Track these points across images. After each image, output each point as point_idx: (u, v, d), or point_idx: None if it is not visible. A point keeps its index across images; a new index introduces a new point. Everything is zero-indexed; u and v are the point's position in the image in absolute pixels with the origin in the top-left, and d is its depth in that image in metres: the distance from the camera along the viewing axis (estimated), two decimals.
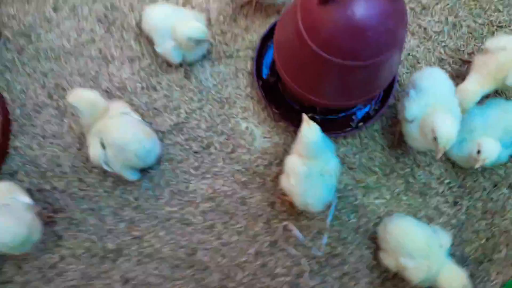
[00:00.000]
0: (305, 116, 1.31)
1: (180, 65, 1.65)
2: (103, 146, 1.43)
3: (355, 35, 1.13)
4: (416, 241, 1.35)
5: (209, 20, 1.71)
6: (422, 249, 1.34)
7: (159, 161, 1.58)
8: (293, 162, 1.36)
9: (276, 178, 1.55)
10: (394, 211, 1.54)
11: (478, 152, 1.37)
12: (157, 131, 1.60)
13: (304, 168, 1.33)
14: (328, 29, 1.14)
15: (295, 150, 1.38)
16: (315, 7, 1.14)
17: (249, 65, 1.66)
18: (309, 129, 1.29)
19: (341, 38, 1.14)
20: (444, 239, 1.39)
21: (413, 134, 1.42)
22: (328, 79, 1.27)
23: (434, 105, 1.38)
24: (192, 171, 1.59)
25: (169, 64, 1.66)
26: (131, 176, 1.52)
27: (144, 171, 1.58)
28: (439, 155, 1.31)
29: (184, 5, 1.72)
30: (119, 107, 1.50)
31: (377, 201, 1.56)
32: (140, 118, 1.53)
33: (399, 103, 1.51)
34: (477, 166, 1.38)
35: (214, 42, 1.69)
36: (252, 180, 1.58)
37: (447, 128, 1.29)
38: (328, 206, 1.53)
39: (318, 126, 1.31)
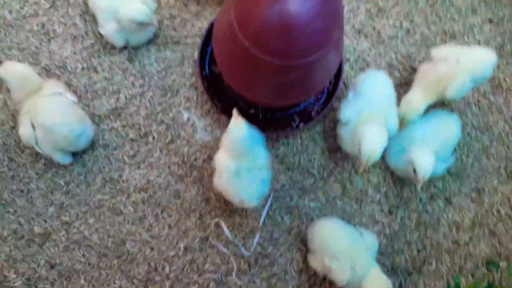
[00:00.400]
0: (235, 113, 1.27)
1: (125, 47, 1.59)
2: (33, 126, 1.37)
3: (283, 32, 1.08)
4: (340, 242, 1.35)
5: (158, 2, 1.64)
6: (346, 251, 1.33)
7: (93, 145, 1.53)
8: (221, 160, 1.33)
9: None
10: (328, 216, 1.52)
11: (414, 171, 1.36)
12: (93, 115, 1.55)
13: (233, 165, 1.30)
14: (257, 23, 1.09)
15: (223, 147, 1.35)
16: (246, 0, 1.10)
17: (196, 54, 1.61)
18: (237, 126, 1.26)
19: (269, 35, 1.10)
20: (371, 242, 1.38)
21: (345, 137, 1.40)
22: (260, 77, 1.23)
23: (369, 112, 1.35)
24: (126, 159, 1.54)
25: (113, 46, 1.60)
26: (62, 159, 1.47)
27: (77, 155, 1.52)
28: (361, 168, 1.29)
29: None
30: (53, 86, 1.44)
31: (312, 204, 1.55)
32: (75, 100, 1.47)
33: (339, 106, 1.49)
34: (419, 186, 1.37)
35: (162, 26, 1.63)
36: (188, 174, 1.54)
37: (372, 144, 1.27)
38: (263, 205, 1.51)
39: (246, 123, 1.27)
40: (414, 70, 1.62)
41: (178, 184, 1.53)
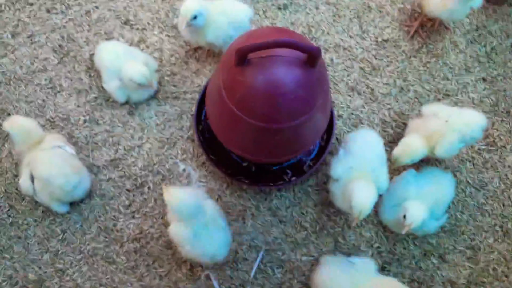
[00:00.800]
0: (164, 188, 1.30)
1: (126, 102, 1.67)
2: (32, 177, 1.44)
3: (267, 99, 1.14)
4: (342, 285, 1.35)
5: (161, 60, 1.73)
6: None
7: (90, 195, 1.58)
8: (175, 231, 1.35)
9: None
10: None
11: (404, 217, 1.36)
12: (92, 165, 1.60)
13: (189, 230, 1.32)
14: (243, 91, 1.15)
15: (171, 218, 1.37)
16: (233, 67, 1.16)
17: (194, 109, 1.68)
18: (172, 197, 1.28)
19: (254, 101, 1.15)
20: (368, 267, 1.40)
21: (336, 193, 1.42)
22: (248, 137, 1.27)
23: (359, 170, 1.38)
24: (122, 209, 1.58)
25: (115, 100, 1.68)
26: (59, 208, 1.52)
27: (74, 203, 1.57)
28: (354, 223, 1.31)
29: (138, 43, 1.75)
30: (53, 139, 1.51)
31: (304, 258, 1.54)
32: (73, 152, 1.53)
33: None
34: (403, 231, 1.37)
35: (163, 81, 1.71)
36: None
37: (363, 199, 1.28)
38: (255, 258, 1.51)
39: (178, 189, 1.30)
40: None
41: None
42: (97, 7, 1.80)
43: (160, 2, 1.81)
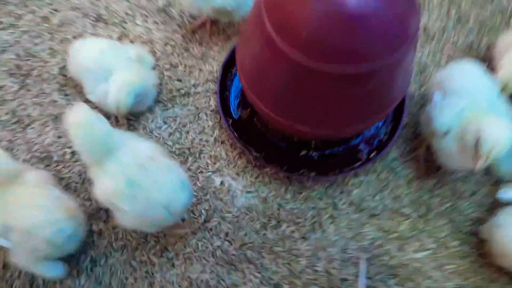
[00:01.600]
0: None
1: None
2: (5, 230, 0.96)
3: (352, 28, 0.78)
4: None
5: (154, 53, 1.32)
6: None
7: (105, 252, 1.11)
8: (103, 190, 0.93)
9: (277, 246, 1.11)
10: (445, 263, 1.09)
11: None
12: (98, 210, 1.15)
13: (118, 181, 0.91)
14: (311, 24, 0.79)
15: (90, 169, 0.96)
16: None
17: (213, 101, 1.26)
18: (75, 113, 0.89)
19: (332, 35, 0.79)
20: None
21: (450, 150, 1.05)
22: (326, 100, 0.90)
23: (474, 108, 1.01)
24: (153, 258, 1.11)
25: (107, 116, 1.23)
26: (48, 272, 1.05)
27: (81, 268, 1.09)
28: (480, 163, 0.94)
29: (120, 40, 1.34)
30: (36, 177, 1.04)
31: (419, 254, 1.12)
32: (60, 194, 1.05)
33: (423, 115, 1.13)
34: (478, 166, 0.96)
35: (163, 79, 1.30)
36: (242, 257, 1.11)
37: (496, 131, 0.94)
38: (356, 274, 1.08)
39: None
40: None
41: (233, 274, 1.10)
42: (56, 10, 1.38)
43: None
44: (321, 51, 0.81)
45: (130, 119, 1.25)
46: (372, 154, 1.17)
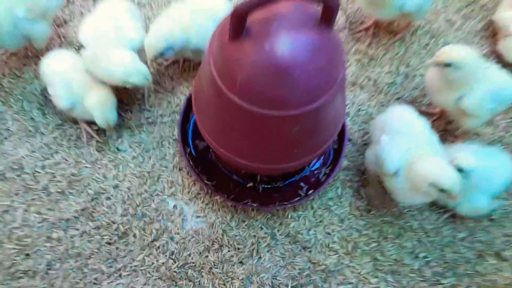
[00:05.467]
0: None
1: (92, 137, 1.37)
2: None
3: (278, 77, 0.88)
4: None
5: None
6: None
7: (60, 259, 1.23)
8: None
9: (216, 268, 1.23)
10: None
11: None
12: (59, 220, 1.28)
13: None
14: (244, 72, 0.90)
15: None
16: (227, 45, 0.91)
17: (177, 131, 1.40)
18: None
19: (261, 83, 0.89)
20: None
21: (402, 189, 1.16)
22: (259, 137, 1.01)
23: (418, 146, 1.15)
24: (104, 268, 1.24)
25: (78, 136, 1.38)
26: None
27: (40, 273, 1.21)
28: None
29: None
30: None
31: (341, 287, 1.24)
32: None
33: (367, 159, 1.27)
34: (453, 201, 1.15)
35: (135, 107, 1.43)
36: (183, 275, 1.24)
37: (445, 172, 1.08)
38: None
39: None
40: (426, 114, 1.43)
41: None
42: None
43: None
44: (252, 96, 0.91)
45: (99, 141, 1.38)
46: (310, 192, 1.30)
